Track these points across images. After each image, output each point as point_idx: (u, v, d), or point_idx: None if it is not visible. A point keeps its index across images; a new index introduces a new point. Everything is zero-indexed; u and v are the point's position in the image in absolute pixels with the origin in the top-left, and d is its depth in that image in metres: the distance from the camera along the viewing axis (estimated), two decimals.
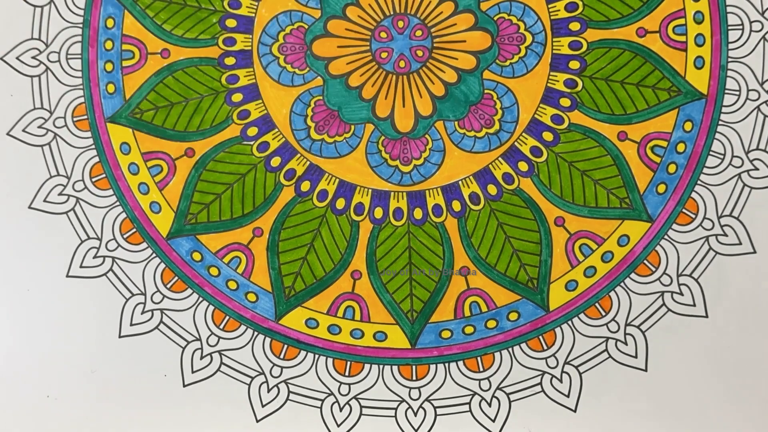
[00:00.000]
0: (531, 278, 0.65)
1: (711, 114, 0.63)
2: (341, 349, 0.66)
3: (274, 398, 0.65)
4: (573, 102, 0.64)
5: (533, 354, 0.65)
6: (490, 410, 0.65)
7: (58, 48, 0.67)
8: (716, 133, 0.63)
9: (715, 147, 0.63)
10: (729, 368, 0.64)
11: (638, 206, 0.64)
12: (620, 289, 0.64)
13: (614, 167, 0.64)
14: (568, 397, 0.64)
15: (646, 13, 0.64)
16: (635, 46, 0.64)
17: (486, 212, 0.65)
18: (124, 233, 0.67)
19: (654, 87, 0.64)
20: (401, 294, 0.65)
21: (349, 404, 0.65)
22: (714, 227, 0.64)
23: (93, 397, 0.66)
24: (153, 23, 0.66)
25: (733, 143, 0.63)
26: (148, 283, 0.66)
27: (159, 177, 0.67)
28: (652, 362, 0.64)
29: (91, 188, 0.67)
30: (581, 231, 0.64)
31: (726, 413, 0.64)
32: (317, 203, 0.66)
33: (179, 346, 0.66)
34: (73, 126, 0.67)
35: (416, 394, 0.65)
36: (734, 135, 0.63)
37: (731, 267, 0.63)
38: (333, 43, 0.66)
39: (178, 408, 0.66)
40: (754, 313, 0.63)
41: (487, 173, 0.65)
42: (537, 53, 0.64)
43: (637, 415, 0.64)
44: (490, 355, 0.65)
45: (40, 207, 0.67)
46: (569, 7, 0.64)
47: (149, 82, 0.66)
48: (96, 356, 0.66)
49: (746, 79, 0.63)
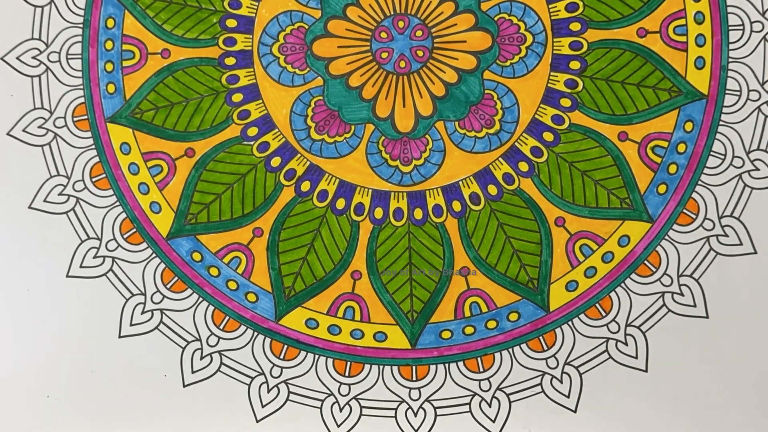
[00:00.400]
0: (531, 278, 0.65)
1: (712, 114, 0.63)
2: (341, 350, 0.66)
3: (274, 398, 0.65)
4: (573, 102, 0.64)
5: (533, 354, 0.65)
6: (490, 411, 0.65)
7: (58, 48, 0.67)
8: (717, 134, 0.63)
9: (716, 147, 0.63)
10: (729, 369, 0.64)
11: (639, 206, 0.64)
12: (621, 289, 0.64)
13: (615, 167, 0.64)
14: (569, 398, 0.64)
15: (647, 13, 0.64)
16: (636, 46, 0.64)
17: (486, 212, 0.65)
18: (124, 233, 0.67)
19: (654, 87, 0.64)
20: (401, 294, 0.65)
21: (349, 404, 0.65)
22: (715, 228, 0.63)
23: (93, 397, 0.66)
24: (153, 23, 0.66)
25: (733, 143, 0.63)
26: (148, 283, 0.66)
27: (159, 177, 0.67)
28: (653, 363, 0.64)
29: (91, 188, 0.67)
30: (582, 231, 0.64)
31: (726, 414, 0.64)
32: (317, 203, 0.66)
33: (179, 346, 0.66)
34: (73, 126, 0.67)
35: (416, 394, 0.65)
36: (735, 135, 0.63)
37: (732, 267, 0.63)
38: (333, 43, 0.66)
39: (178, 408, 0.66)
40: (755, 313, 0.63)
41: (488, 173, 0.65)
42: (537, 53, 0.64)
43: (637, 415, 0.64)
44: (491, 356, 0.65)
45: (41, 207, 0.67)
46: (570, 8, 0.64)
47: (149, 82, 0.66)
48: (96, 356, 0.66)
49: (747, 79, 0.63)
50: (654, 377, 0.64)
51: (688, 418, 0.64)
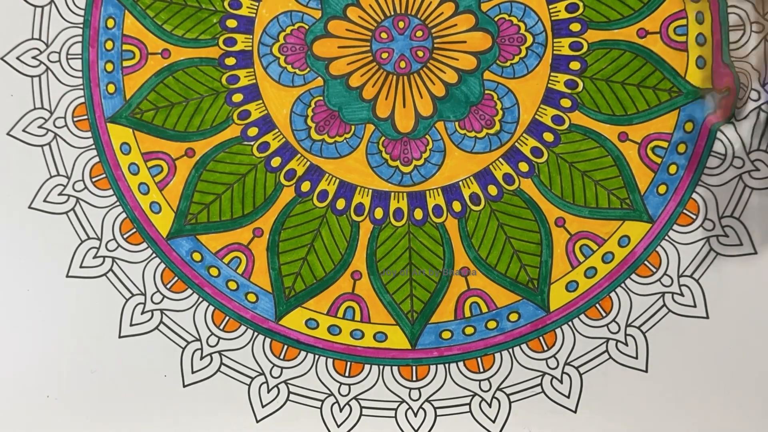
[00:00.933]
0: (531, 279, 0.65)
1: None
2: (341, 350, 0.66)
3: (274, 398, 0.65)
4: (573, 103, 0.64)
5: (533, 355, 0.65)
6: (490, 411, 0.65)
7: (58, 48, 0.67)
8: (717, 134, 0.63)
9: (716, 147, 0.63)
10: (729, 369, 0.64)
11: (639, 207, 0.64)
12: (621, 289, 0.64)
13: (615, 168, 0.64)
14: (569, 398, 0.64)
15: (647, 13, 0.64)
16: (636, 46, 0.64)
17: (486, 213, 0.65)
18: (124, 233, 0.67)
19: (655, 88, 0.64)
20: (401, 294, 0.65)
21: (349, 405, 0.65)
22: (715, 228, 0.64)
23: (93, 397, 0.66)
24: (153, 23, 0.66)
25: (734, 144, 0.63)
26: (148, 283, 0.66)
27: (159, 177, 0.67)
28: (653, 363, 0.64)
29: (92, 188, 0.67)
30: (582, 232, 0.64)
31: (726, 414, 0.63)
32: (317, 203, 0.66)
33: (179, 346, 0.66)
34: (73, 126, 0.67)
35: (416, 394, 0.65)
36: (735, 135, 0.63)
37: (732, 268, 0.63)
38: (333, 43, 0.66)
39: (178, 408, 0.66)
40: (755, 313, 0.63)
41: (488, 174, 0.65)
42: (538, 54, 0.64)
43: (637, 415, 0.64)
44: (491, 356, 0.65)
45: (41, 207, 0.67)
46: (570, 8, 0.64)
47: (149, 82, 0.66)
48: (96, 356, 0.66)
49: (747, 79, 0.63)
50: (654, 377, 0.64)
51: (688, 418, 0.64)
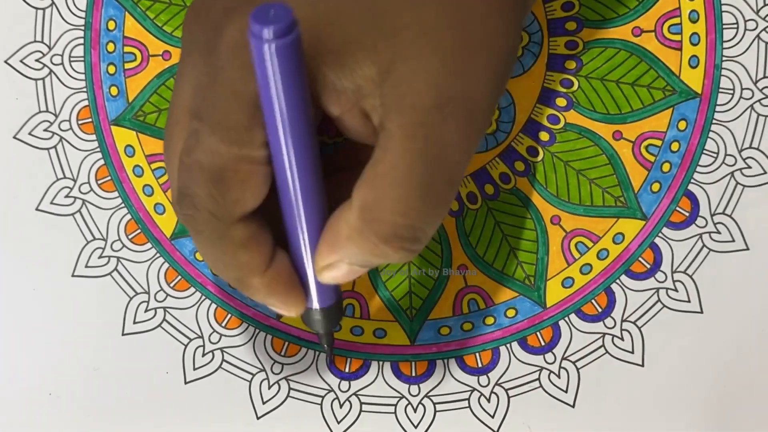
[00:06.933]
0: (528, 275, 0.65)
1: (705, 113, 0.63)
2: (341, 346, 0.66)
3: (275, 395, 0.66)
4: (569, 102, 0.64)
5: (531, 350, 0.65)
6: (489, 406, 0.65)
7: (60, 50, 0.66)
8: (710, 132, 0.63)
9: (709, 146, 0.63)
10: (723, 361, 0.64)
11: (633, 204, 0.64)
12: (616, 285, 0.64)
13: (609, 166, 0.64)
14: (566, 393, 0.64)
15: (642, 12, 0.63)
16: (631, 45, 0.63)
17: (483, 211, 0.65)
18: (129, 234, 0.67)
19: (649, 86, 0.63)
20: (400, 291, 0.65)
21: (349, 401, 0.65)
22: (707, 225, 0.64)
23: (95, 393, 0.66)
24: (154, 25, 0.66)
25: (726, 142, 0.63)
26: (152, 281, 0.66)
27: (163, 179, 0.67)
28: (649, 357, 0.64)
29: (97, 190, 0.67)
30: (577, 229, 0.64)
31: (721, 407, 0.64)
32: None
33: (181, 343, 0.66)
34: (78, 129, 0.67)
35: (416, 390, 0.65)
36: (728, 134, 0.63)
37: (725, 264, 0.63)
38: None
39: (180, 404, 0.66)
40: (747, 307, 0.64)
41: (484, 173, 0.65)
42: (533, 53, 0.64)
43: (635, 409, 0.64)
44: (489, 351, 0.65)
45: (47, 209, 0.67)
46: (566, 7, 0.64)
47: (151, 84, 0.66)
48: (99, 354, 0.66)
49: (740, 77, 0.63)
50: (650, 371, 0.64)
51: (683, 410, 0.64)
